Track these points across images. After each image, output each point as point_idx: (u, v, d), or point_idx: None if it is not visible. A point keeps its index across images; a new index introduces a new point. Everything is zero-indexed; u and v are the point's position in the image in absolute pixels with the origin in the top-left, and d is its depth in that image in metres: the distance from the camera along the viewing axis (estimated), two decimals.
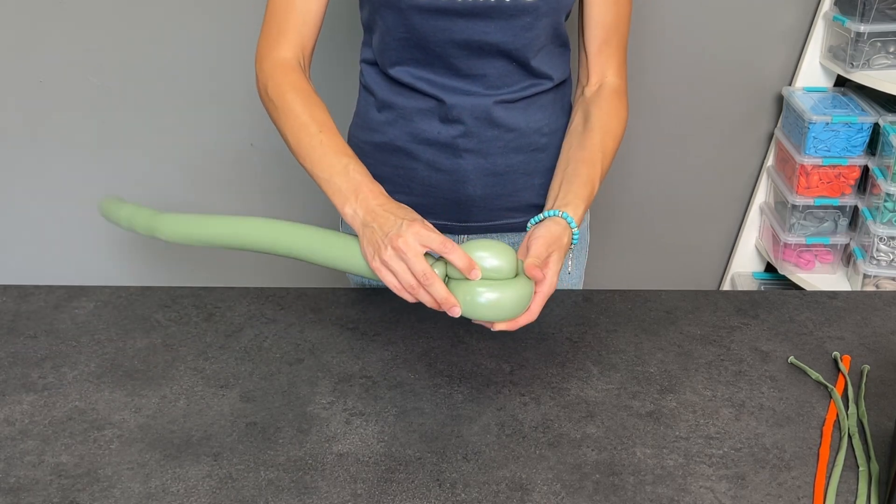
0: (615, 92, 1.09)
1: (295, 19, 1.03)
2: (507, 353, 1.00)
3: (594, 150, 1.03)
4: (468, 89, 1.05)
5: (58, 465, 0.84)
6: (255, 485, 0.81)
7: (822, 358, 1.00)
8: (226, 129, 1.80)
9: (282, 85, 1.01)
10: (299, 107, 0.99)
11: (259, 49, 1.06)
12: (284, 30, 1.04)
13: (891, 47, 1.60)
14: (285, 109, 1.00)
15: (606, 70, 1.10)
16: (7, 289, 1.13)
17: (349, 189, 0.93)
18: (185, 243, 1.03)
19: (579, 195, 0.98)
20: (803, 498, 0.80)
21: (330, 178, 0.94)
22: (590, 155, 1.03)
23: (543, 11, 1.00)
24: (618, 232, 1.98)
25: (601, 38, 1.08)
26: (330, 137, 0.97)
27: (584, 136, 1.05)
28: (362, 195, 0.92)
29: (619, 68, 1.10)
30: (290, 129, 0.99)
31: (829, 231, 1.78)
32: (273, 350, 1.01)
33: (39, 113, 1.76)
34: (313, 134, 0.97)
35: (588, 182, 1.00)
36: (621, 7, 1.07)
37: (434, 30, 1.00)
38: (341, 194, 0.93)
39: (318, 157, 0.96)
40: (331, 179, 0.94)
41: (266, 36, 1.05)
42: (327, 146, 0.96)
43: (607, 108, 1.07)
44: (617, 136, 1.07)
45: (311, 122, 0.98)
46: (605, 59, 1.09)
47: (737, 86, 1.79)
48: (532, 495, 0.80)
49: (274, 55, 1.04)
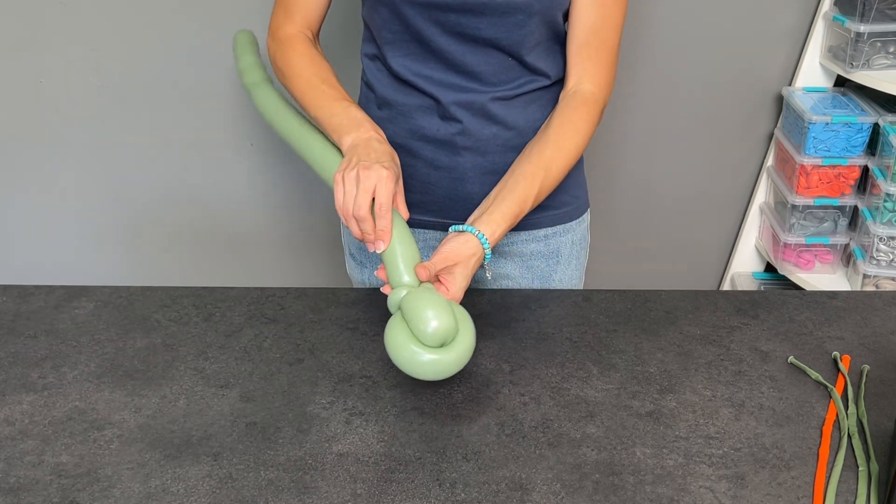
0: (585, 101, 1.06)
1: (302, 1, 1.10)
2: (507, 353, 1.00)
3: (539, 166, 1.02)
4: (465, 85, 1.05)
5: (58, 465, 0.84)
6: (255, 485, 0.81)
7: (821, 358, 1.00)
8: (226, 129, 1.80)
9: (287, 52, 1.09)
10: (304, 66, 1.07)
11: (268, 30, 1.14)
12: (291, 11, 1.11)
13: (891, 47, 1.60)
14: (291, 72, 1.07)
15: (583, 74, 1.06)
16: (7, 289, 1.13)
17: (351, 123, 1.00)
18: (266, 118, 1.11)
19: (506, 215, 0.99)
20: (803, 498, 0.80)
21: (331, 116, 1.01)
22: (533, 170, 1.02)
23: (536, 9, 1.00)
24: (618, 232, 1.98)
25: (580, 40, 1.05)
26: (333, 87, 1.04)
27: (535, 147, 1.04)
28: (364, 128, 0.99)
29: (597, 74, 1.06)
30: (297, 86, 1.06)
31: (828, 231, 1.78)
32: (273, 350, 1.01)
33: (39, 113, 1.76)
34: (316, 85, 1.04)
35: (520, 201, 1.00)
36: (607, 10, 1.04)
37: (427, 23, 1.00)
38: (343, 127, 1.00)
39: (322, 103, 1.03)
40: (332, 118, 1.01)
41: (274, 17, 1.13)
42: (330, 94, 1.03)
43: (569, 119, 1.05)
44: (570, 155, 1.04)
45: (315, 76, 1.05)
46: (581, 62, 1.06)
47: (737, 86, 1.79)
48: (532, 495, 0.80)
49: (280, 33, 1.11)
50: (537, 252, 1.18)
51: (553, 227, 1.17)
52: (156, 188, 1.87)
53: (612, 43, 1.06)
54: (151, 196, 1.88)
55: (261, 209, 1.92)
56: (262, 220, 1.94)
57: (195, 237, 1.95)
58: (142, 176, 1.85)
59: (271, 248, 2.00)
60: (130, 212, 1.90)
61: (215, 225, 1.94)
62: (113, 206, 1.89)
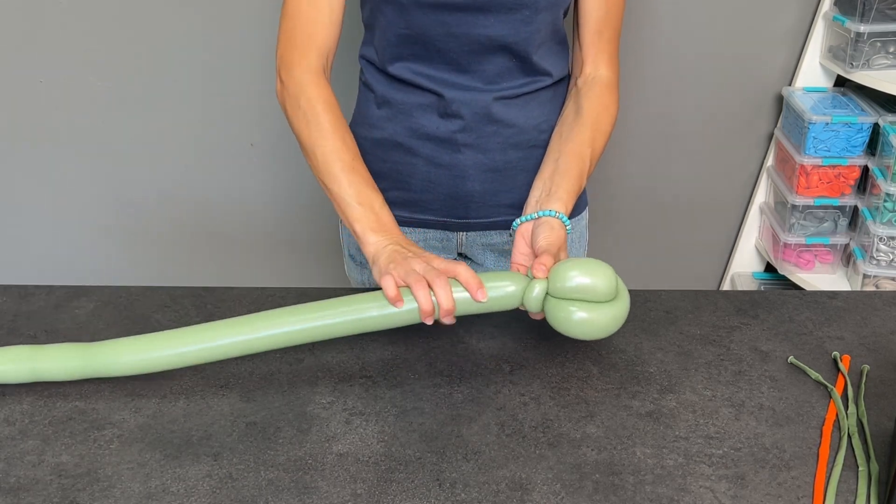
0: (607, 86, 1.10)
1: (323, 23, 1.03)
2: (507, 353, 1.00)
3: (584, 145, 1.05)
4: (468, 84, 1.05)
5: (58, 465, 0.84)
6: (255, 485, 0.81)
7: (821, 358, 1.00)
8: (226, 129, 1.80)
9: (314, 100, 1.01)
10: (332, 128, 1.01)
11: (284, 54, 1.04)
12: (312, 35, 1.03)
13: (891, 47, 1.60)
14: (318, 128, 1.01)
15: (599, 62, 1.11)
16: (7, 289, 1.13)
17: (375, 221, 0.96)
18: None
19: (570, 191, 1.01)
20: (803, 498, 0.80)
21: (356, 204, 0.97)
22: (580, 149, 1.04)
23: (542, 6, 1.00)
24: (618, 232, 1.98)
25: (594, 30, 1.09)
26: (361, 167, 1.00)
27: (575, 128, 1.06)
28: (391, 231, 0.95)
29: (611, 61, 1.12)
30: (321, 148, 1.00)
31: (828, 231, 1.78)
32: (273, 350, 1.01)
33: (39, 113, 1.76)
34: (345, 160, 0.99)
35: (578, 177, 1.03)
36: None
37: (434, 24, 1.00)
38: (367, 221, 0.96)
39: (348, 184, 0.98)
40: (356, 206, 0.97)
41: (291, 41, 1.03)
42: (358, 176, 0.99)
43: (598, 102, 1.08)
44: (606, 133, 1.08)
45: (344, 148, 1.00)
46: (597, 51, 1.10)
47: (737, 86, 1.79)
48: (532, 495, 0.80)
49: (304, 63, 1.03)
50: None
51: None
52: (156, 188, 1.87)
53: (618, 29, 1.11)
54: (151, 196, 1.88)
55: (261, 209, 1.92)
56: (262, 220, 1.94)
57: (195, 237, 1.95)
58: (142, 176, 1.85)
59: (271, 248, 2.00)
60: (130, 212, 1.90)
61: (215, 225, 1.94)
62: (113, 206, 1.89)
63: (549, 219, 0.98)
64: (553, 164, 1.04)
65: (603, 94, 1.10)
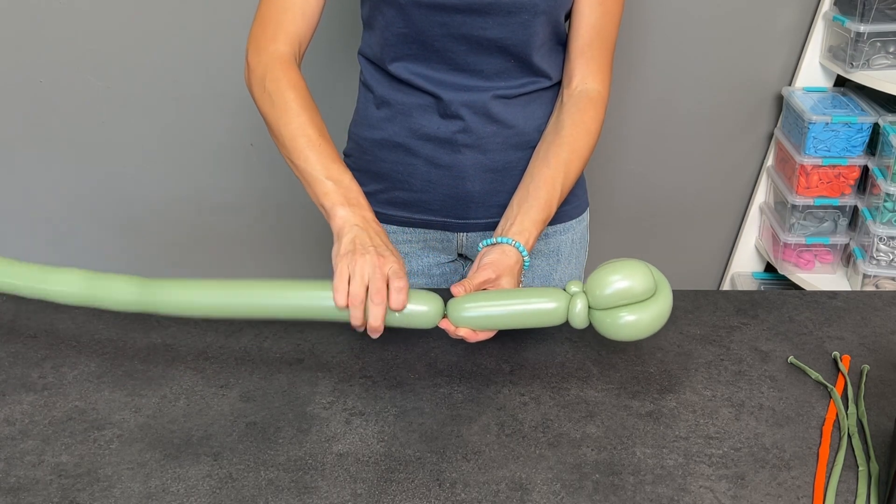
0: (592, 101, 1.08)
1: (294, 12, 1.03)
2: (507, 353, 1.00)
3: (558, 169, 1.04)
4: (466, 84, 1.05)
5: (58, 465, 0.84)
6: (255, 485, 0.81)
7: (821, 358, 1.00)
8: (226, 129, 1.80)
9: (280, 80, 1.01)
10: (298, 106, 1.00)
11: (253, 38, 1.05)
12: (283, 22, 1.03)
13: (891, 47, 1.60)
14: (284, 107, 1.00)
15: (588, 74, 1.08)
16: None
17: (343, 195, 0.95)
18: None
19: (535, 221, 1.01)
20: (803, 498, 0.80)
21: (324, 179, 0.96)
22: (553, 174, 1.04)
23: (541, 9, 1.00)
24: (618, 232, 1.98)
25: (584, 40, 1.07)
26: (328, 143, 0.99)
27: (552, 149, 1.05)
28: (360, 205, 0.95)
29: (601, 73, 1.09)
30: (286, 125, 0.99)
31: (828, 231, 1.78)
32: (273, 350, 1.01)
33: (39, 113, 1.76)
34: (311, 136, 0.98)
35: (546, 206, 1.02)
36: (608, 9, 1.06)
37: (433, 25, 1.00)
38: (335, 195, 0.95)
39: (316, 159, 0.97)
40: (325, 180, 0.96)
41: (262, 26, 1.04)
42: (325, 151, 0.98)
43: (580, 120, 1.06)
44: (583, 157, 1.07)
45: (310, 124, 0.99)
46: (585, 62, 1.08)
47: (737, 86, 1.79)
48: (532, 495, 0.80)
49: (272, 48, 1.03)
50: (537, 251, 1.18)
51: (553, 226, 1.17)
52: (156, 188, 1.87)
53: (612, 41, 1.09)
54: (151, 196, 1.88)
55: (261, 209, 1.92)
56: (262, 220, 1.94)
57: (195, 237, 1.95)
58: (142, 176, 1.85)
59: (271, 247, 2.00)
60: (130, 212, 1.90)
61: (215, 225, 1.94)
62: (113, 206, 1.89)
63: (507, 246, 0.98)
64: (525, 190, 1.04)
65: (586, 112, 1.07)
